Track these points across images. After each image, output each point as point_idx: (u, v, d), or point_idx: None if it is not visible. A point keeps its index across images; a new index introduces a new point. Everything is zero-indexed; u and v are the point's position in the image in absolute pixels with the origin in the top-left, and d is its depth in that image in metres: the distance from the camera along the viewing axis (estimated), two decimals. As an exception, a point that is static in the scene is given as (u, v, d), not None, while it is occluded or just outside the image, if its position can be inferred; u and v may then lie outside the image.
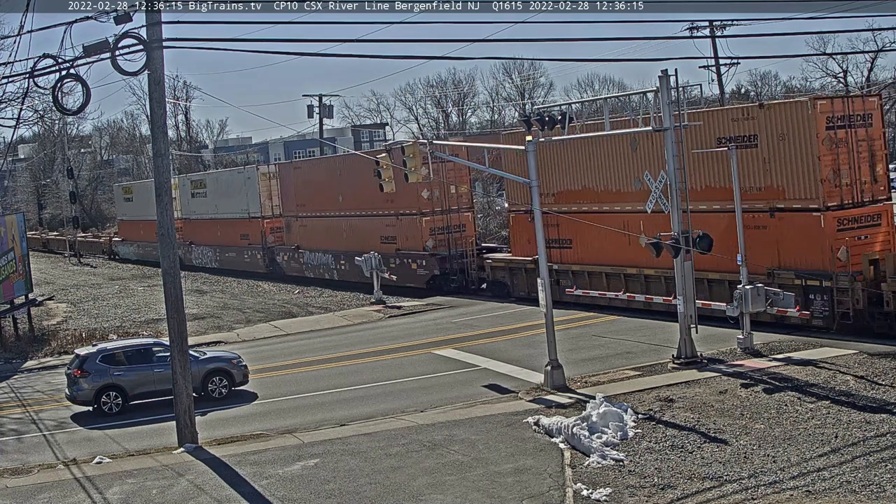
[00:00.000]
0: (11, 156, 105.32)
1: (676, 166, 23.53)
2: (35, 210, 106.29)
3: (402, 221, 41.68)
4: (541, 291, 23.38)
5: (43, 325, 40.62)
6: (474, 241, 41.21)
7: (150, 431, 22.44)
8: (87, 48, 18.71)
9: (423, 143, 27.36)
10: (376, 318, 37.07)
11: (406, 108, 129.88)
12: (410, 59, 54.48)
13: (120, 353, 24.76)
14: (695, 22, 54.39)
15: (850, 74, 77.10)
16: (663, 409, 19.88)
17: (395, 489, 16.38)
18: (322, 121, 71.91)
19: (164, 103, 20.35)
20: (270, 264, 52.79)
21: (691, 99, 46.60)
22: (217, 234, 57.49)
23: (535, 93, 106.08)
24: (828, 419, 18.21)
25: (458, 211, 40.94)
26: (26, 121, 49.29)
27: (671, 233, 23.51)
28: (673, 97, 23.32)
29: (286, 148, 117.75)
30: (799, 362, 22.57)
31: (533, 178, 23.80)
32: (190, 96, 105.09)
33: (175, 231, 20.62)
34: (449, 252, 40.18)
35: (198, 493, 17.02)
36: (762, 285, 24.32)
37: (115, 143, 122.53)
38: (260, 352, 31.63)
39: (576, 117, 26.69)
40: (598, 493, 15.40)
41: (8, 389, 28.65)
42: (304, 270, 49.49)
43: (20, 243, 37.95)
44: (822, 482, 15.05)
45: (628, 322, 30.06)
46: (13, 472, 19.26)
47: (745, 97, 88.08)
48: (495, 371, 25.27)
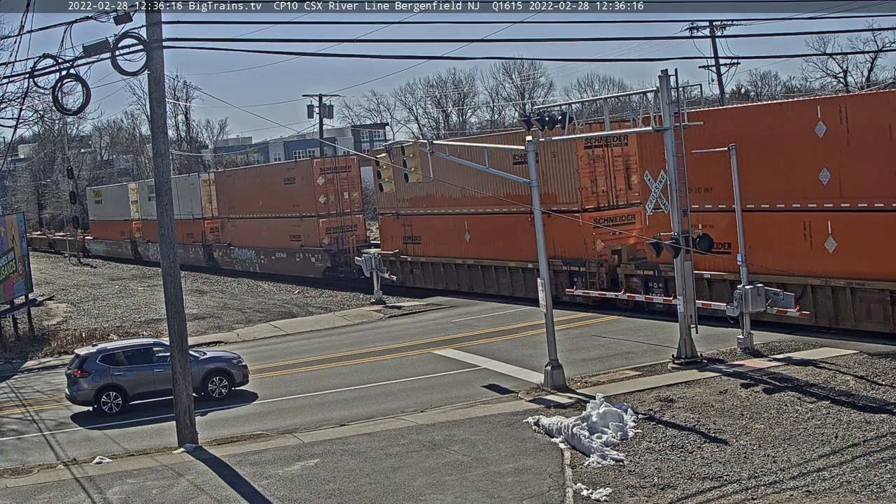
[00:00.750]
0: (11, 156, 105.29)
1: (677, 166, 23.54)
2: (35, 210, 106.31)
3: (304, 222, 49.43)
4: (541, 291, 23.36)
5: (43, 325, 40.64)
6: (362, 238, 48.87)
7: (150, 431, 22.44)
8: (87, 48, 18.71)
9: (422, 143, 27.33)
10: (376, 319, 37.07)
11: (406, 108, 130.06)
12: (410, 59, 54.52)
13: (120, 353, 24.76)
14: (695, 22, 54.43)
15: (850, 74, 77.20)
16: (663, 409, 19.88)
17: (395, 489, 16.38)
18: (322, 121, 71.88)
19: (164, 103, 20.34)
20: (209, 259, 60.26)
21: (691, 99, 46.68)
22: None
23: (535, 93, 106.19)
24: (828, 419, 18.21)
25: (351, 214, 48.74)
26: (26, 121, 49.52)
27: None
28: (673, 97, 23.32)
29: (286, 148, 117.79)
30: (799, 362, 22.57)
31: (533, 178, 23.80)
32: (190, 96, 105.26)
33: (175, 231, 20.61)
34: (338, 248, 47.76)
35: (198, 493, 17.02)
36: (762, 285, 24.31)
37: (115, 143, 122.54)
38: (260, 352, 31.64)
39: (576, 117, 26.75)
40: (598, 493, 15.40)
41: (8, 389, 28.66)
42: (234, 264, 57.24)
43: (20, 243, 37.95)
44: (822, 482, 15.05)
45: (628, 322, 30.06)
46: (13, 472, 19.26)
47: (745, 97, 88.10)
48: (495, 371, 25.27)
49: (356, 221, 48.89)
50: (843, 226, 25.14)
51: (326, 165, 49.48)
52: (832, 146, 24.89)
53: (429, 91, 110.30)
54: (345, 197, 48.46)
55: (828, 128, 24.84)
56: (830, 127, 24.77)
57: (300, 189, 49.48)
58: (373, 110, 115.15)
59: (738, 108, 34.29)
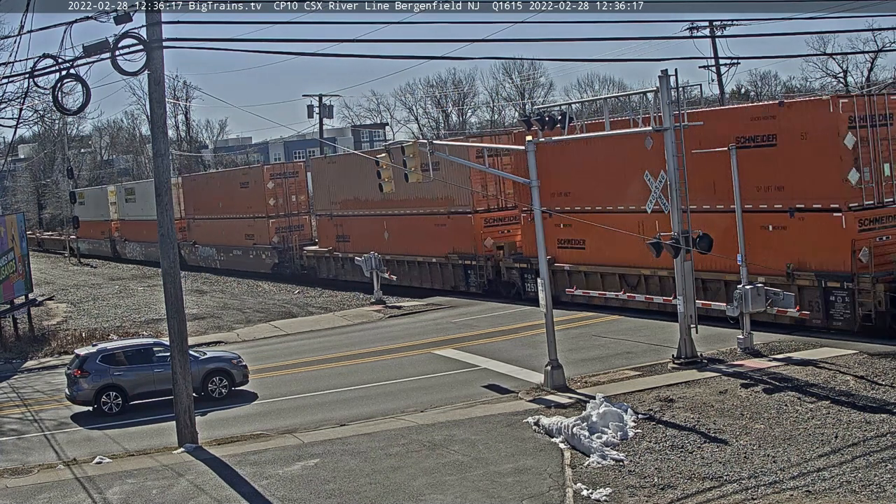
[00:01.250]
0: (11, 156, 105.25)
1: (677, 166, 23.54)
2: (35, 210, 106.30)
3: (256, 222, 54.57)
4: (541, 291, 23.36)
5: (43, 325, 40.63)
6: (308, 237, 53.04)
7: (150, 431, 22.44)
8: (87, 48, 18.71)
9: (422, 143, 27.31)
10: (376, 318, 37.07)
11: (406, 108, 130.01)
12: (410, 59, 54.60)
13: (120, 353, 24.76)
14: (695, 22, 54.37)
15: (850, 74, 77.21)
16: (663, 409, 19.88)
17: (395, 489, 16.38)
18: (322, 121, 71.90)
19: (164, 103, 20.34)
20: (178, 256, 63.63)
21: (691, 99, 46.70)
22: (143, 233, 68.53)
23: (535, 93, 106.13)
24: (828, 419, 18.21)
25: (298, 214, 53.56)
26: (26, 121, 49.66)
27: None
28: (673, 97, 23.32)
29: (286, 148, 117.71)
30: (799, 362, 22.57)
31: (533, 178, 23.80)
32: (190, 96, 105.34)
33: (175, 231, 20.62)
34: (284, 246, 52.84)
35: (198, 493, 17.02)
36: (762, 285, 24.32)
37: (115, 143, 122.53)
38: (260, 352, 31.63)
39: (576, 117, 26.77)
40: (598, 493, 15.40)
41: (8, 389, 28.65)
42: (198, 261, 62.23)
43: (20, 243, 37.94)
44: (822, 482, 15.05)
45: (628, 322, 30.06)
46: (13, 472, 19.26)
47: (745, 97, 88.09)
48: (495, 371, 25.26)
49: (303, 222, 53.57)
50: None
51: (276, 171, 55.17)
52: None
53: (429, 91, 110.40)
54: (292, 200, 53.53)
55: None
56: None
57: (253, 192, 54.72)
58: (373, 110, 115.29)
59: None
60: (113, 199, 75.29)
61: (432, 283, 41.08)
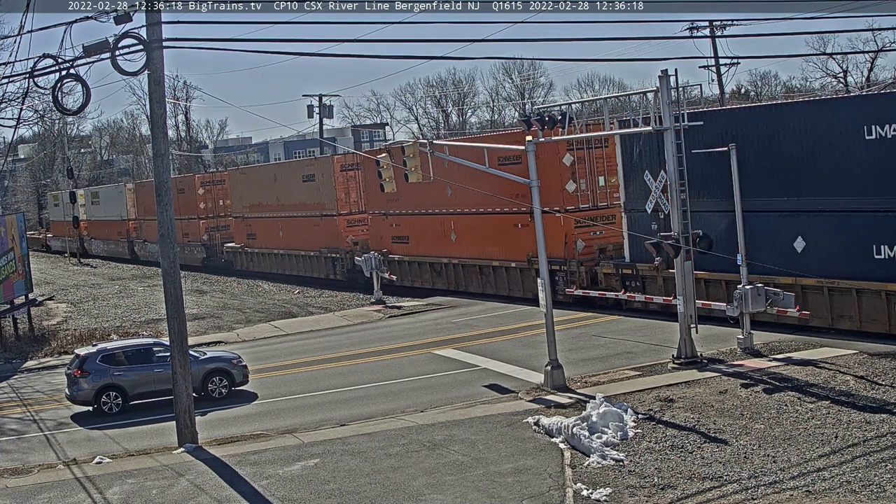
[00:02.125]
0: (11, 156, 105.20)
1: (677, 166, 23.55)
2: (35, 210, 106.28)
3: (190, 223, 62.45)
4: (541, 291, 23.36)
5: (43, 325, 40.63)
6: (229, 235, 59.93)
7: (150, 431, 22.44)
8: (87, 48, 18.70)
9: (422, 143, 27.31)
10: (376, 319, 37.07)
11: (406, 108, 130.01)
12: (410, 59, 54.55)
13: (120, 353, 24.76)
14: (695, 22, 54.45)
15: (850, 74, 77.26)
16: (663, 409, 19.88)
17: (395, 489, 16.39)
18: (322, 121, 71.97)
19: (164, 103, 20.33)
20: (132, 252, 73.49)
21: (691, 99, 46.67)
22: (105, 231, 79.54)
23: (535, 93, 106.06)
24: (828, 419, 18.21)
25: (225, 216, 60.71)
26: (26, 121, 49.75)
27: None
28: (673, 97, 23.32)
29: (286, 148, 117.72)
30: (799, 362, 22.57)
31: (533, 178, 23.80)
32: (190, 96, 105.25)
33: (175, 231, 20.61)
34: (211, 243, 61.57)
35: (198, 493, 17.02)
36: (762, 285, 24.32)
37: (115, 143, 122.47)
38: (260, 352, 31.64)
39: (576, 117, 26.78)
40: (598, 493, 15.40)
41: (8, 389, 28.66)
42: (148, 256, 68.05)
43: (20, 243, 37.94)
44: (822, 482, 15.05)
45: (628, 322, 30.08)
46: (13, 472, 19.26)
47: (745, 97, 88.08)
48: (495, 371, 25.27)
49: (228, 222, 60.98)
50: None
51: (206, 179, 64.35)
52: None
53: (429, 91, 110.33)
54: (220, 203, 61.61)
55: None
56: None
57: (187, 197, 62.17)
58: (373, 110, 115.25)
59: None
60: (83, 202, 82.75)
61: (313, 272, 50.03)
